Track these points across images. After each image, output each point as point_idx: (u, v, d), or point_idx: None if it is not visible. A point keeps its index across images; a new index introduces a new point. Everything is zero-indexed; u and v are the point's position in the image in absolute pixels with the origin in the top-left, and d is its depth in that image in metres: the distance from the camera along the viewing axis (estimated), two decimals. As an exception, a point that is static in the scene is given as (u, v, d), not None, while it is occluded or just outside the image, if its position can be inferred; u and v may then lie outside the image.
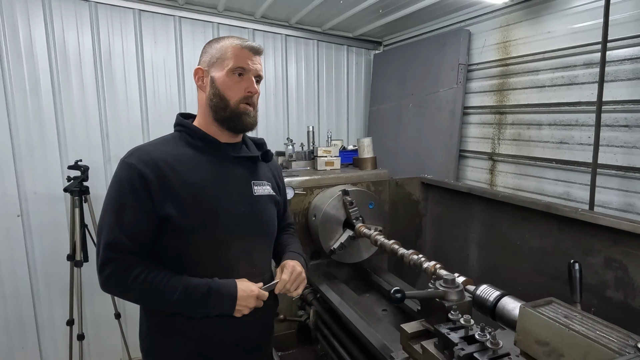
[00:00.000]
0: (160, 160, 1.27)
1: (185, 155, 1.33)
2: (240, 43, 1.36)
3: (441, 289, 1.23)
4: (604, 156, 2.26)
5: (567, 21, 2.47)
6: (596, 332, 0.94)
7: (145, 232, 1.25)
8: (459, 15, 3.25)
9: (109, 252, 1.22)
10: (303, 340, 2.34)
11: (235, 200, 1.37)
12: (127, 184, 1.24)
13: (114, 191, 1.26)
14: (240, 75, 1.35)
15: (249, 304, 1.29)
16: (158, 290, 1.22)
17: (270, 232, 1.50)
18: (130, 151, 1.31)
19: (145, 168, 1.24)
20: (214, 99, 1.35)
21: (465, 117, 3.28)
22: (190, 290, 1.24)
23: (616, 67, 2.21)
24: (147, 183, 1.23)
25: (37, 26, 2.71)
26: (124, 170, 1.26)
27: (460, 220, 2.58)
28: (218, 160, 1.38)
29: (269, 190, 1.49)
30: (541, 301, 1.07)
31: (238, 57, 1.34)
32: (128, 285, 1.21)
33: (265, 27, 3.58)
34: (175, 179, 1.27)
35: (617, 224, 1.63)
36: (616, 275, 1.70)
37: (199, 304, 1.25)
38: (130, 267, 1.22)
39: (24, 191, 2.76)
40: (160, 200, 1.24)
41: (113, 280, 1.22)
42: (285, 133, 3.79)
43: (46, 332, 2.94)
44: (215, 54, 1.36)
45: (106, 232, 1.23)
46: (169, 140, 1.38)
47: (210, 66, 1.37)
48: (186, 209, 1.26)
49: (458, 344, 1.03)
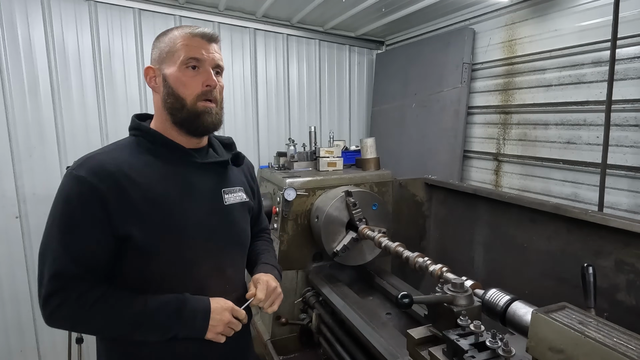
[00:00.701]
0: (117, 172, 1.10)
1: (145, 165, 1.17)
2: (191, 31, 1.20)
3: (449, 293, 1.19)
4: (613, 156, 2.21)
5: (574, 19, 2.42)
6: (613, 339, 0.89)
7: (98, 256, 1.09)
8: (463, 14, 3.21)
9: (56, 283, 1.04)
10: (305, 344, 2.30)
11: (204, 212, 1.23)
12: (76, 200, 1.06)
13: (60, 209, 1.08)
14: (194, 68, 1.18)
15: (223, 318, 1.16)
16: (119, 314, 1.07)
17: (243, 243, 1.39)
18: (80, 161, 1.12)
19: (98, 182, 1.07)
20: (168, 99, 1.19)
21: (470, 117, 3.23)
22: (159, 306, 1.10)
23: (626, 65, 2.17)
24: (101, 200, 1.06)
25: (36, 26, 2.68)
26: (72, 184, 1.08)
27: (465, 221, 2.53)
28: (183, 168, 1.23)
29: (241, 196, 1.36)
30: (554, 306, 1.02)
31: (189, 46, 1.18)
32: (82, 314, 1.06)
33: (267, 26, 3.55)
34: (136, 193, 1.11)
35: (629, 225, 1.59)
36: (628, 279, 1.65)
37: (169, 321, 1.11)
38: (82, 294, 1.05)
39: (22, 192, 2.73)
40: (119, 218, 1.08)
41: (63, 312, 1.05)
42: (287, 133, 3.76)
43: (45, 335, 2.90)
44: (164, 48, 1.20)
45: (52, 259, 1.05)
46: (124, 147, 1.20)
47: (160, 62, 1.20)
48: (150, 227, 1.11)
49: (468, 351, 0.99)
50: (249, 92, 3.52)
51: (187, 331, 1.13)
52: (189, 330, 1.13)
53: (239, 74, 3.45)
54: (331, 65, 4.02)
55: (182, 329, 1.13)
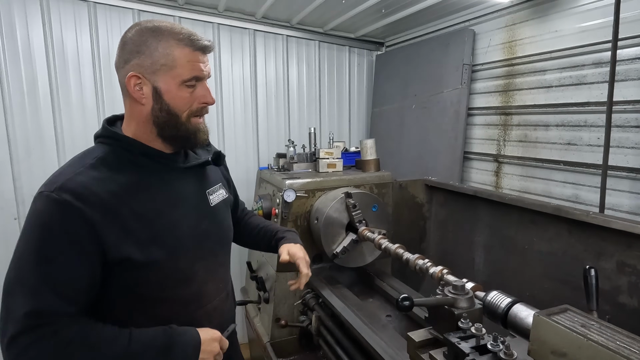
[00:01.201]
0: (103, 193, 1.01)
1: (130, 179, 1.09)
2: (192, 44, 1.11)
3: (450, 295, 1.18)
4: (614, 157, 2.20)
5: (575, 20, 2.42)
6: (616, 342, 0.88)
7: (83, 287, 0.99)
8: (463, 15, 3.20)
9: (30, 321, 0.91)
10: (305, 346, 2.28)
11: (194, 219, 1.21)
12: (59, 228, 0.96)
13: (36, 237, 0.97)
14: (192, 86, 1.13)
15: (213, 350, 1.12)
16: (101, 355, 0.97)
17: (229, 239, 1.43)
18: (55, 182, 0.99)
19: (86, 206, 0.97)
20: (161, 116, 1.11)
21: (470, 119, 3.22)
22: (147, 342, 1.03)
23: (627, 66, 2.16)
24: (91, 225, 0.98)
25: (35, 26, 2.67)
26: (53, 209, 0.97)
27: (465, 223, 2.52)
28: (167, 176, 1.18)
29: (222, 194, 1.37)
30: (556, 309, 1.01)
31: (191, 63, 1.10)
32: (59, 354, 0.93)
33: (266, 27, 3.54)
34: (126, 212, 1.04)
35: (631, 227, 1.58)
36: (630, 281, 1.64)
37: (159, 356, 1.03)
38: (58, 331, 0.94)
39: (21, 194, 2.72)
40: (113, 242, 1.01)
41: (32, 353, 0.91)
42: (287, 135, 3.75)
43: (43, 338, 2.89)
44: (158, 58, 1.08)
45: (26, 294, 0.93)
46: (101, 161, 1.08)
47: (151, 73, 1.09)
48: (144, 244, 1.06)
49: (469, 354, 0.98)
50: (249, 93, 3.51)
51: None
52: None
53: (238, 75, 3.44)
54: (331, 66, 4.01)
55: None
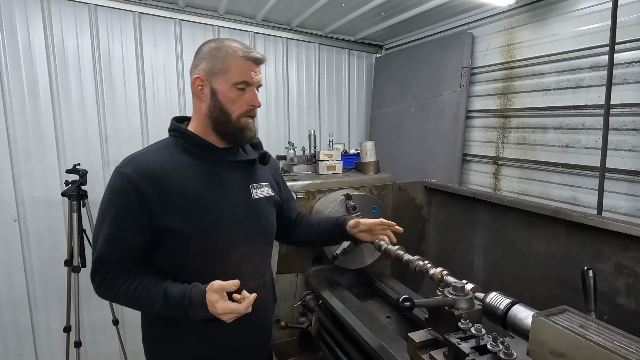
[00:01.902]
0: (158, 170, 1.24)
1: (182, 163, 1.30)
2: (245, 54, 1.29)
3: (450, 296, 1.19)
4: (612, 160, 2.22)
5: (573, 23, 2.44)
6: (614, 342, 0.89)
7: (137, 245, 1.24)
8: (462, 18, 3.22)
9: (98, 265, 1.23)
10: (305, 347, 2.29)
11: (234, 205, 1.36)
12: (122, 196, 1.21)
13: (108, 202, 1.24)
14: (242, 89, 1.30)
15: (211, 298, 1.17)
16: (141, 300, 1.23)
17: (270, 233, 1.51)
18: (126, 160, 1.27)
19: (141, 180, 1.20)
20: (215, 111, 1.31)
21: (469, 121, 3.24)
22: (170, 301, 1.21)
23: (624, 69, 2.18)
24: (144, 195, 1.20)
25: (36, 29, 2.68)
26: (119, 180, 1.22)
27: (464, 225, 2.53)
28: (216, 166, 1.35)
29: (267, 191, 1.49)
30: (554, 310, 1.02)
31: (242, 70, 1.29)
32: (114, 294, 1.24)
33: (266, 30, 3.56)
34: (174, 188, 1.24)
35: (629, 229, 1.59)
36: (627, 282, 1.65)
37: (180, 313, 1.23)
38: (115, 277, 1.23)
39: (21, 195, 2.72)
40: (159, 212, 1.22)
41: (102, 289, 1.25)
42: (286, 137, 3.76)
43: (43, 339, 2.89)
44: (217, 64, 1.29)
45: (99, 244, 1.22)
46: (164, 147, 1.33)
47: (210, 76, 1.30)
48: (187, 219, 1.24)
49: (469, 354, 0.98)
50: (249, 95, 3.51)
51: (202, 316, 1.22)
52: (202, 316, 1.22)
53: (238, 78, 3.44)
54: (330, 68, 4.03)
55: (196, 316, 1.22)
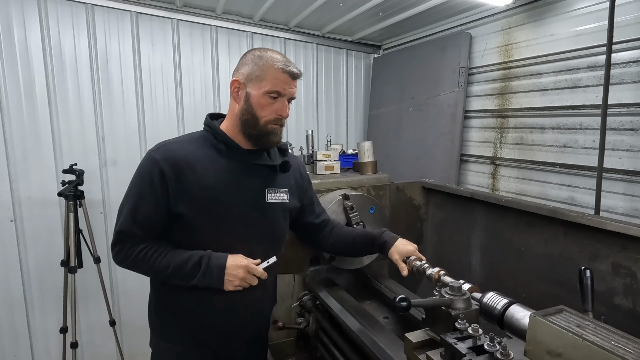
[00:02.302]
0: (182, 159, 1.33)
1: (207, 157, 1.39)
2: (282, 67, 1.37)
3: (447, 296, 1.18)
4: (609, 160, 2.22)
5: (570, 23, 2.44)
6: (611, 342, 0.89)
7: (155, 223, 1.35)
8: (460, 18, 3.22)
9: (119, 236, 1.34)
10: (302, 348, 2.28)
11: (247, 206, 1.42)
12: (148, 177, 1.32)
13: (136, 180, 1.36)
14: (275, 98, 1.38)
15: (238, 274, 1.33)
16: (156, 264, 1.32)
17: (278, 238, 1.57)
18: (158, 145, 1.38)
19: (166, 165, 1.30)
20: (245, 114, 1.39)
21: (467, 121, 3.24)
22: (185, 260, 1.32)
23: (621, 69, 2.18)
24: (165, 180, 1.30)
25: (33, 28, 2.68)
26: (148, 163, 1.33)
27: (462, 225, 2.53)
28: (237, 165, 1.43)
29: (282, 197, 1.54)
30: (552, 309, 1.02)
31: (277, 80, 1.36)
32: (132, 260, 1.34)
33: (264, 30, 3.55)
34: (193, 179, 1.33)
35: (626, 229, 1.59)
36: (625, 282, 1.65)
37: (191, 273, 1.32)
38: (134, 245, 1.34)
39: (17, 196, 2.71)
40: (175, 198, 1.32)
41: (121, 256, 1.35)
42: (284, 137, 3.74)
43: (39, 340, 2.88)
44: (255, 70, 1.37)
45: (122, 218, 1.34)
46: (195, 140, 1.43)
47: (248, 81, 1.38)
48: (198, 210, 1.33)
49: (466, 354, 0.98)
50: (246, 95, 3.50)
51: (205, 282, 1.33)
52: (207, 281, 1.33)
53: (236, 78, 3.44)
54: (328, 69, 4.03)
55: (200, 281, 1.33)
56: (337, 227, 1.83)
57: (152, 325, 1.52)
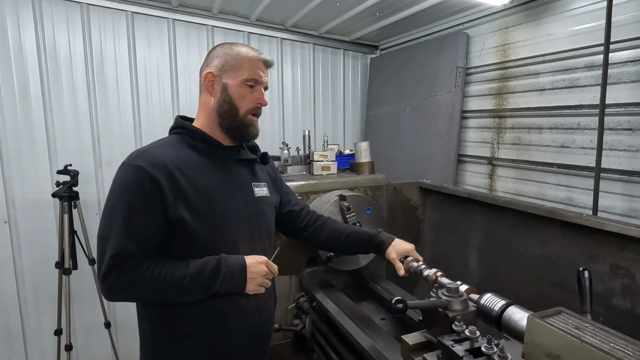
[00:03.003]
0: (169, 163, 1.25)
1: (190, 158, 1.32)
2: (257, 55, 1.38)
3: (444, 298, 1.17)
4: (607, 160, 2.22)
5: (568, 23, 2.43)
6: (610, 344, 0.88)
7: (154, 236, 1.23)
8: (457, 18, 3.22)
9: (116, 260, 1.17)
10: (299, 350, 2.26)
11: (241, 202, 1.39)
12: (137, 187, 1.20)
13: (120, 195, 1.21)
14: (252, 86, 1.36)
15: (260, 270, 1.30)
16: (166, 278, 1.19)
17: (270, 231, 1.54)
18: (135, 153, 1.27)
19: (155, 171, 1.21)
20: (224, 105, 1.36)
21: (464, 121, 3.23)
22: (200, 267, 1.23)
23: (619, 69, 2.18)
24: (158, 186, 1.20)
25: (27, 28, 2.66)
26: (131, 173, 1.21)
27: (459, 226, 2.52)
28: (222, 162, 1.40)
29: (266, 191, 1.53)
30: (550, 311, 1.01)
31: (253, 68, 1.36)
32: (135, 283, 1.19)
33: (261, 30, 3.54)
34: (185, 182, 1.26)
35: (624, 229, 1.58)
36: (623, 283, 1.64)
37: (210, 279, 1.23)
38: (135, 266, 1.19)
39: (11, 197, 2.69)
40: (174, 203, 1.22)
41: (120, 283, 1.18)
42: (281, 137, 3.74)
43: (33, 343, 2.86)
44: (229, 61, 1.36)
45: (114, 240, 1.18)
46: (170, 143, 1.35)
47: (223, 72, 1.36)
48: (197, 211, 1.26)
49: (463, 357, 0.97)
50: (243, 95, 3.49)
51: (227, 287, 1.26)
52: (229, 285, 1.26)
53: (232, 78, 3.43)
54: (325, 69, 4.02)
55: (223, 285, 1.25)
56: (329, 221, 1.80)
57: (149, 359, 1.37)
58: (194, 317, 1.28)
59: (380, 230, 1.75)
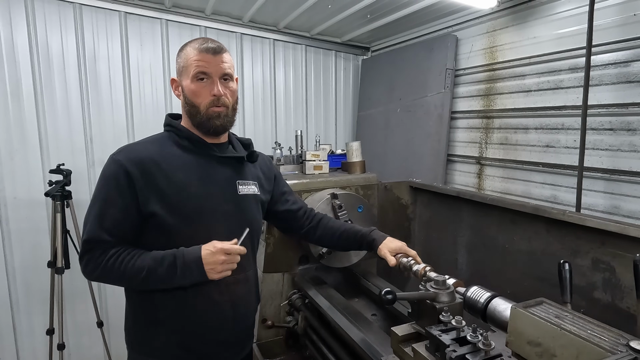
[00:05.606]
0: (147, 158, 1.31)
1: (172, 154, 1.37)
2: (199, 47, 1.36)
3: (432, 290, 1.21)
4: (589, 159, 2.28)
5: (552, 26, 2.50)
6: (587, 331, 0.92)
7: (125, 227, 1.30)
8: (447, 21, 3.28)
9: (87, 245, 1.28)
10: (291, 346, 2.29)
11: (220, 198, 1.41)
12: (113, 180, 1.28)
13: (99, 186, 1.31)
14: (203, 79, 1.37)
15: (217, 260, 1.29)
16: (128, 268, 1.26)
17: (254, 229, 1.52)
18: (120, 148, 1.35)
19: (131, 165, 1.28)
20: (186, 106, 1.41)
21: (453, 122, 3.29)
22: (158, 260, 1.27)
23: (601, 71, 2.25)
24: (132, 180, 1.27)
25: (19, 27, 2.65)
26: (111, 166, 1.30)
27: (448, 223, 2.57)
28: (204, 159, 1.42)
29: (254, 190, 1.54)
30: (532, 302, 1.06)
31: (198, 62, 1.35)
32: (102, 268, 1.26)
33: (254, 31, 3.57)
34: (161, 176, 1.31)
35: (605, 225, 1.64)
36: (604, 277, 1.70)
37: (168, 274, 1.27)
38: (104, 252, 1.27)
39: (3, 196, 2.69)
40: (145, 197, 1.28)
41: (90, 266, 1.28)
42: (273, 137, 3.77)
43: (25, 342, 2.85)
44: (181, 62, 1.40)
45: (88, 226, 1.29)
46: (157, 140, 1.42)
47: (179, 75, 1.41)
48: (171, 206, 1.31)
49: (450, 345, 1.01)
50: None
51: (188, 280, 1.30)
52: (189, 279, 1.30)
53: (225, 78, 3.45)
54: (317, 70, 4.06)
55: (184, 279, 1.29)
56: (325, 219, 1.83)
57: (130, 341, 1.46)
58: (165, 306, 1.35)
59: (373, 229, 1.78)
